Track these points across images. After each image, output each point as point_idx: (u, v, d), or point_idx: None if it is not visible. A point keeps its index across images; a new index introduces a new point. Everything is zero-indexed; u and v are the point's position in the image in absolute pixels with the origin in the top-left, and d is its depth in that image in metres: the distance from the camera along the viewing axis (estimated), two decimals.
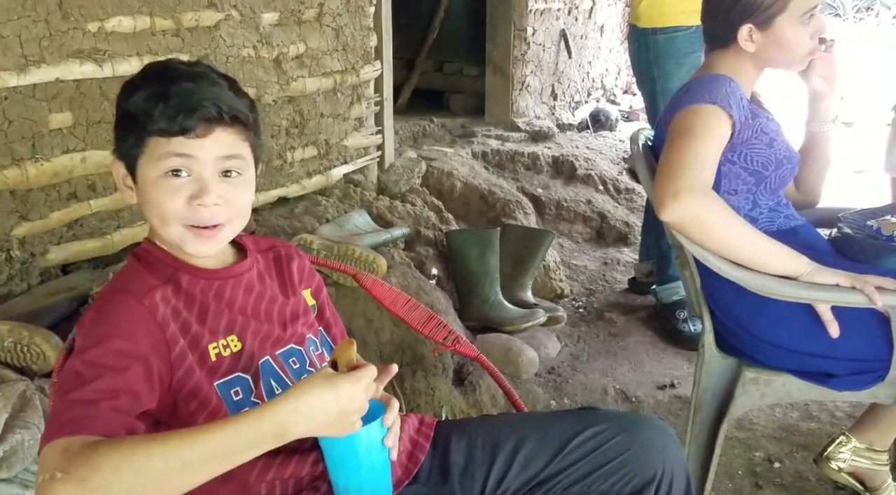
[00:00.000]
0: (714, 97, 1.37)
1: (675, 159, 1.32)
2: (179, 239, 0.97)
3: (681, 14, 2.41)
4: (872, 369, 1.33)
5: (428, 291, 2.32)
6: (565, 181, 3.66)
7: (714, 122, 1.35)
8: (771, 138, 1.45)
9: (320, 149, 2.59)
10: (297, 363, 1.04)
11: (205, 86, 0.95)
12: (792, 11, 1.41)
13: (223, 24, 2.15)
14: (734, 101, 1.38)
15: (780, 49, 1.44)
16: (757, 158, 1.43)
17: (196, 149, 0.94)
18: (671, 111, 1.44)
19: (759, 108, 1.49)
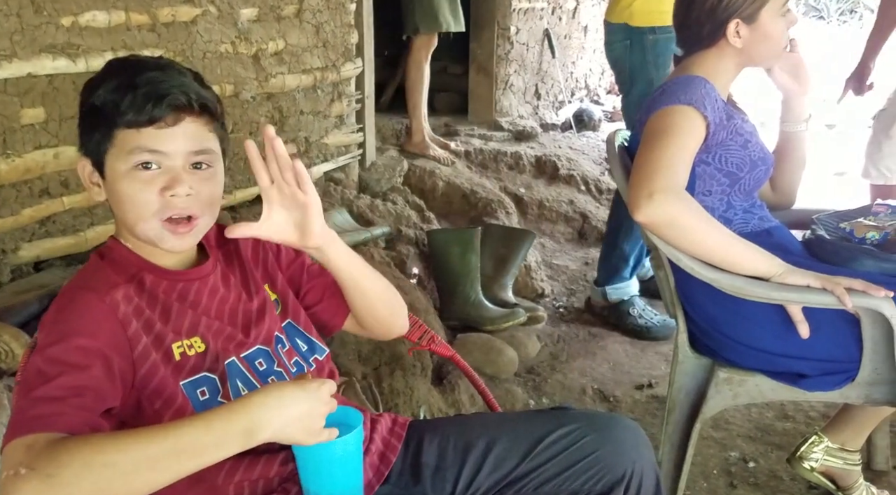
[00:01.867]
0: (689, 98, 1.37)
1: (650, 160, 1.32)
2: (156, 235, 0.96)
3: None
4: (843, 370, 1.34)
5: (408, 290, 2.31)
6: (548, 181, 3.66)
7: (688, 124, 1.35)
8: (746, 139, 1.46)
9: (300, 146, 2.58)
10: (263, 364, 1.03)
11: (172, 75, 0.94)
12: (773, 3, 1.43)
13: (200, 19, 2.13)
14: (709, 102, 1.39)
15: (764, 42, 1.46)
16: (732, 159, 1.44)
17: (166, 142, 0.93)
18: (647, 112, 1.45)
19: (734, 110, 1.50)
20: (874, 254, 1.38)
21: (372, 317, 1.15)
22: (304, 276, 1.15)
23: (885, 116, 2.54)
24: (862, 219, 1.50)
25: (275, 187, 0.97)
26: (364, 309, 1.14)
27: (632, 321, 2.57)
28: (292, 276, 1.15)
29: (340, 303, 1.14)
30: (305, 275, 1.15)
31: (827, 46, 7.65)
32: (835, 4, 10.00)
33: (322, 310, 1.16)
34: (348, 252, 1.07)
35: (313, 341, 1.11)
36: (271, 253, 1.15)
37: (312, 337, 1.12)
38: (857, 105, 5.70)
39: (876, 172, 2.60)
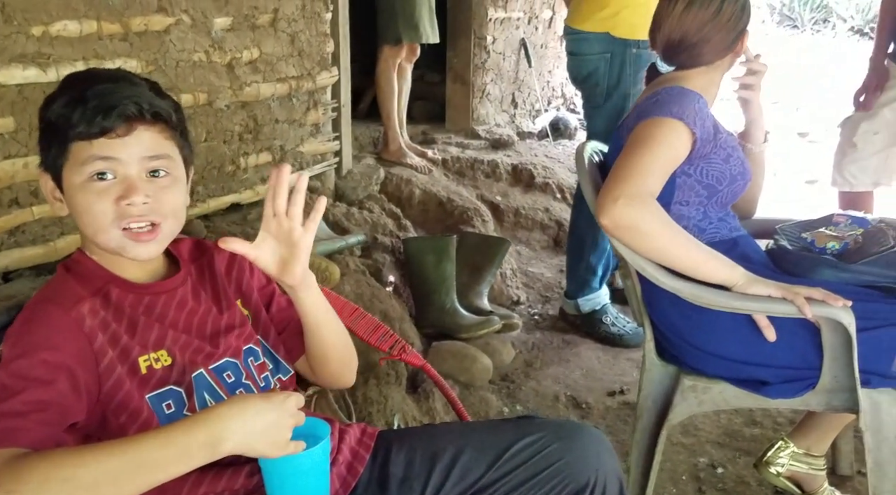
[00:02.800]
0: (681, 112, 1.39)
1: (625, 166, 1.35)
2: (118, 245, 0.96)
3: None
4: (804, 377, 1.37)
5: (382, 299, 2.32)
6: (524, 189, 3.69)
7: (674, 137, 1.38)
8: (728, 154, 1.49)
9: (275, 154, 2.58)
10: (231, 377, 1.04)
11: (123, 86, 0.95)
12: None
13: (173, 28, 2.13)
14: (699, 118, 1.41)
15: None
16: (712, 173, 1.47)
17: (119, 150, 0.93)
18: (636, 119, 1.46)
19: (721, 125, 1.53)
20: (834, 264, 1.42)
21: (323, 365, 1.17)
22: (273, 306, 1.16)
23: (850, 124, 2.58)
24: (823, 230, 1.54)
25: (276, 220, 0.98)
26: (318, 356, 1.15)
27: (605, 329, 2.60)
28: (263, 296, 1.17)
29: (299, 341, 1.15)
30: (274, 306, 1.16)
31: (802, 55, 7.79)
32: (808, 14, 10.18)
33: (280, 342, 1.17)
34: (320, 299, 1.09)
35: (279, 360, 1.12)
36: (246, 271, 1.15)
37: (279, 356, 1.12)
38: (829, 113, 5.82)
39: (842, 180, 2.63)
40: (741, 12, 1.49)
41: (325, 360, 1.16)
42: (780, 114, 5.72)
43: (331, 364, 1.17)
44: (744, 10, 1.49)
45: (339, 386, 1.26)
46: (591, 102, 2.55)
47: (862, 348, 1.30)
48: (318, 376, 1.21)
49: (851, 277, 1.40)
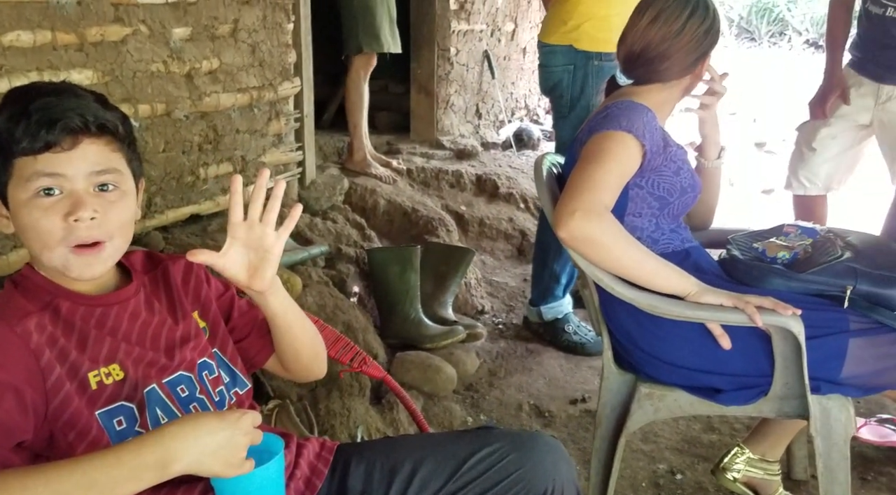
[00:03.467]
0: (630, 125, 1.42)
1: (580, 180, 1.37)
2: (63, 264, 0.94)
3: None
4: (756, 385, 1.41)
5: (345, 310, 2.31)
6: (488, 199, 3.72)
7: (624, 150, 1.41)
8: (678, 167, 1.52)
9: (236, 165, 2.56)
10: (185, 391, 1.02)
11: (67, 98, 0.93)
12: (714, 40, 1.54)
13: (130, 38, 2.11)
14: (648, 131, 1.44)
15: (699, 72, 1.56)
16: (663, 185, 1.50)
17: (64, 165, 0.92)
18: (588, 133, 1.49)
19: (671, 138, 1.56)
20: (784, 273, 1.45)
21: (294, 361, 1.17)
22: (234, 312, 1.16)
23: (809, 128, 2.59)
24: (774, 239, 1.58)
25: (245, 225, 0.98)
26: (289, 353, 1.15)
27: (567, 338, 2.63)
28: (221, 307, 1.15)
29: (266, 341, 1.15)
30: (235, 311, 1.16)
31: (759, 67, 7.98)
32: (765, 27, 10.47)
33: (248, 346, 1.16)
34: (287, 300, 1.09)
35: (237, 374, 1.11)
36: (203, 281, 1.14)
37: (237, 369, 1.11)
38: (785, 125, 5.98)
39: (797, 183, 2.66)
40: (704, 35, 1.50)
41: (296, 357, 1.16)
42: (737, 125, 5.85)
43: (302, 359, 1.17)
44: (707, 33, 1.50)
45: (313, 377, 1.25)
46: (557, 113, 2.61)
47: (811, 355, 1.34)
48: (291, 372, 1.21)
49: (801, 286, 1.43)
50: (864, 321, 1.38)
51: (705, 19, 1.49)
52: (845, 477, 1.41)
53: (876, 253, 1.50)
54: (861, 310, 1.39)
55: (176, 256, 1.15)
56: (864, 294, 1.40)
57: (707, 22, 1.50)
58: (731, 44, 9.55)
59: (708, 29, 1.50)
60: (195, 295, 1.12)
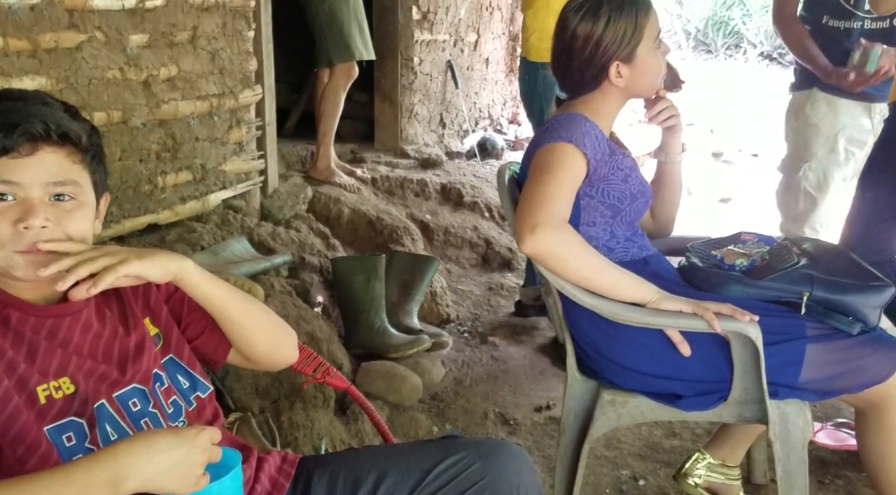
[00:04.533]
0: (570, 136, 1.44)
1: (534, 194, 1.39)
2: (7, 264, 0.91)
3: None
4: (716, 390, 1.43)
5: (309, 320, 2.28)
6: (453, 208, 3.72)
7: (569, 160, 1.42)
8: (626, 174, 1.54)
9: (195, 173, 2.51)
10: (137, 405, 1.00)
11: (33, 105, 0.91)
12: (647, 39, 1.51)
13: (86, 45, 2.06)
14: (589, 139, 1.46)
15: (644, 76, 1.53)
16: (613, 193, 1.52)
17: (20, 172, 0.90)
18: (532, 148, 1.51)
19: (616, 146, 1.58)
20: (742, 280, 1.48)
21: (251, 348, 1.14)
22: (185, 309, 1.12)
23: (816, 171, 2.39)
24: (732, 247, 1.61)
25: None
26: (242, 341, 1.12)
27: None
28: (173, 309, 1.12)
29: (222, 336, 1.12)
30: (186, 308, 1.12)
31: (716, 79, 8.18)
32: (721, 40, 10.72)
33: (203, 343, 1.13)
34: (212, 286, 1.05)
35: (196, 378, 1.08)
36: (153, 286, 1.11)
37: (195, 373, 1.09)
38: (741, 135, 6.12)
39: (810, 231, 2.42)
40: (595, 48, 1.48)
41: (250, 345, 1.13)
42: (695, 135, 5.98)
43: (258, 345, 1.14)
44: (612, 42, 1.48)
45: (281, 364, 1.23)
46: (529, 121, 2.90)
47: (769, 361, 1.36)
48: (254, 362, 1.18)
49: (758, 293, 1.46)
50: (821, 327, 1.41)
51: (608, 27, 1.48)
52: (803, 481, 1.44)
53: (831, 260, 1.53)
54: (817, 316, 1.42)
55: None
56: (820, 300, 1.43)
57: (611, 30, 1.48)
58: (688, 56, 9.75)
59: (612, 38, 1.48)
60: (145, 301, 1.10)
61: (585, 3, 1.50)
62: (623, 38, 1.48)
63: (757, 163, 5.71)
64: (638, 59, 1.50)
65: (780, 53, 10.37)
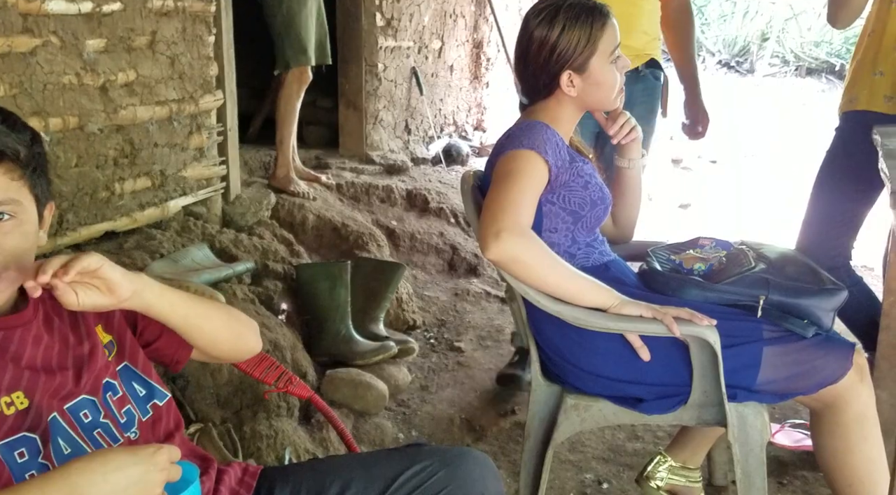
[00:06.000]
0: (531, 143, 1.45)
1: (497, 201, 1.39)
2: None
3: None
4: (676, 394, 1.45)
5: (272, 328, 2.26)
6: (419, 214, 3.72)
7: (530, 167, 1.43)
8: (586, 181, 1.55)
9: (154, 179, 2.47)
10: (89, 416, 0.97)
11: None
12: (601, 52, 1.52)
13: (40, 50, 2.01)
14: (550, 146, 1.47)
15: (598, 89, 1.54)
16: (574, 199, 1.53)
17: None
18: (495, 155, 1.52)
19: (576, 153, 1.60)
20: (700, 284, 1.51)
21: (215, 348, 1.13)
22: (139, 316, 1.10)
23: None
24: (690, 251, 1.64)
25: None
26: (205, 343, 1.11)
27: None
28: (127, 313, 1.10)
29: (181, 338, 1.10)
30: (140, 315, 1.10)
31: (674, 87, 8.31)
32: None
33: (163, 345, 1.11)
34: (171, 295, 1.03)
35: (152, 385, 1.06)
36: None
37: (152, 380, 1.07)
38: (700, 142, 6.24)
39: None
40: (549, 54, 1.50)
41: (214, 344, 1.13)
42: (655, 142, 6.07)
43: (222, 344, 1.14)
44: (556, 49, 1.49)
45: (247, 355, 1.23)
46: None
47: (727, 364, 1.39)
48: (218, 358, 1.18)
49: (716, 296, 1.49)
50: (777, 330, 1.44)
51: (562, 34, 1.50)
52: (762, 482, 1.47)
53: (786, 264, 1.57)
54: (773, 319, 1.45)
55: None
56: (775, 303, 1.46)
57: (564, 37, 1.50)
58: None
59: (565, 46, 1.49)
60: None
61: (546, 8, 1.52)
62: (576, 48, 1.50)
63: (715, 169, 5.85)
64: (591, 70, 1.52)
65: (738, 61, 10.63)
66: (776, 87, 9.49)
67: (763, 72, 10.17)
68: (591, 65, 1.51)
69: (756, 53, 10.29)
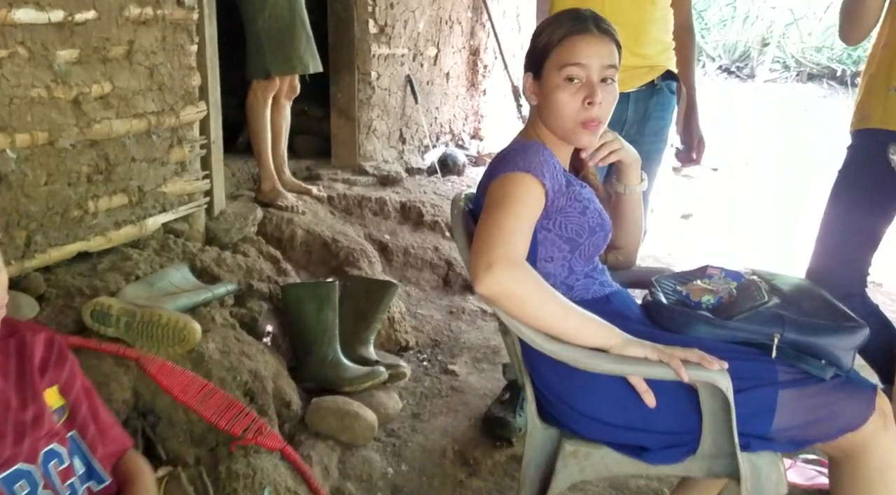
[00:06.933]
0: (527, 165, 1.34)
1: (489, 230, 1.28)
2: None
3: None
4: (684, 442, 1.33)
5: (252, 356, 2.13)
6: (413, 227, 3.60)
7: (525, 191, 1.32)
8: (584, 206, 1.44)
9: (131, 196, 2.34)
10: (26, 487, 0.86)
11: None
12: (553, 63, 1.40)
13: (6, 61, 1.89)
14: (547, 169, 1.36)
15: (548, 103, 1.41)
16: (571, 226, 1.42)
17: None
18: (488, 177, 1.40)
19: (573, 175, 1.48)
20: (709, 320, 1.39)
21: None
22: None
23: None
24: (698, 282, 1.52)
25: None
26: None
27: None
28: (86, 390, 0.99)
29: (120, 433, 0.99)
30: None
31: None
32: None
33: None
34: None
35: (93, 466, 0.95)
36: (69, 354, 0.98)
37: (94, 460, 0.95)
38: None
39: None
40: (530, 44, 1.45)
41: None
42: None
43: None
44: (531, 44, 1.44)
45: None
46: None
47: (740, 410, 1.27)
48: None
49: (727, 334, 1.37)
50: (793, 371, 1.33)
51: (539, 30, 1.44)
52: None
53: (801, 298, 1.46)
54: (788, 359, 1.33)
55: (37, 327, 0.99)
56: (791, 342, 1.34)
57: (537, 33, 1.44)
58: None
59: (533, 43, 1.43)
60: (57, 369, 0.96)
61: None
62: (538, 45, 1.43)
63: (717, 177, 5.73)
64: (543, 79, 1.42)
65: (738, 67, 10.54)
66: (777, 93, 9.40)
67: (764, 77, 10.09)
68: (545, 73, 1.41)
69: (756, 58, 10.21)
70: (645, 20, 2.23)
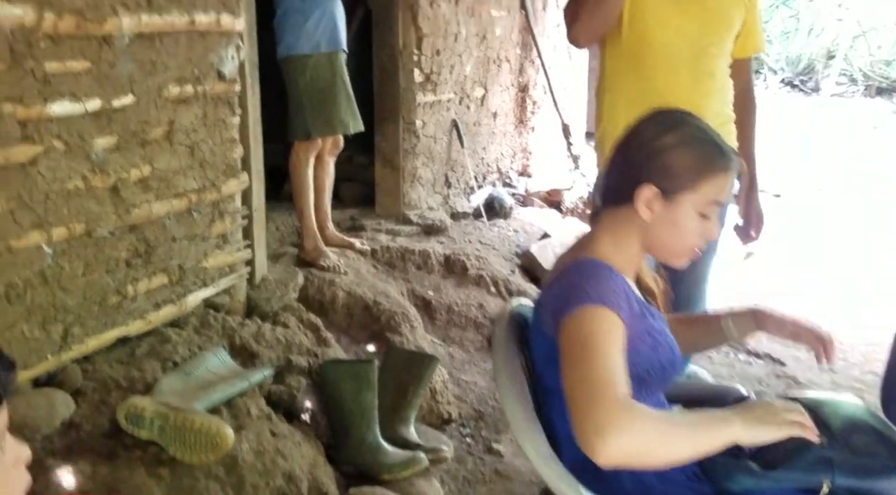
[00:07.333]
0: (600, 295, 1.22)
1: (583, 383, 1.14)
2: None
3: None
4: None
5: (287, 453, 2.06)
6: (457, 281, 3.50)
7: (608, 326, 1.20)
8: (655, 340, 1.32)
9: (172, 275, 2.30)
10: None
11: None
12: (700, 194, 1.29)
13: (42, 157, 1.86)
14: (621, 297, 1.24)
15: (672, 229, 1.31)
16: (640, 363, 1.29)
17: None
18: (555, 311, 1.27)
19: (645, 303, 1.36)
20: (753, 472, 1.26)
21: None
22: None
23: None
24: None
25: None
26: None
27: None
28: None
29: None
30: None
31: None
32: None
33: None
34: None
35: None
36: None
37: None
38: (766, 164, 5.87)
39: None
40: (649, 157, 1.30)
41: None
42: None
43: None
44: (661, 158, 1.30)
45: None
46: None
47: None
48: None
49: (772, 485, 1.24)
50: None
51: (675, 145, 1.29)
52: None
53: (852, 432, 1.29)
54: None
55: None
56: (843, 488, 1.21)
57: (673, 150, 1.29)
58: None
59: (670, 158, 1.29)
60: None
61: (673, 115, 1.35)
62: (680, 168, 1.28)
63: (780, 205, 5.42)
64: (678, 204, 1.29)
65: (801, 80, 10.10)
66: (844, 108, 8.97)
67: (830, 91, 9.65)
68: (681, 198, 1.28)
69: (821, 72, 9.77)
70: (704, 94, 2.13)
